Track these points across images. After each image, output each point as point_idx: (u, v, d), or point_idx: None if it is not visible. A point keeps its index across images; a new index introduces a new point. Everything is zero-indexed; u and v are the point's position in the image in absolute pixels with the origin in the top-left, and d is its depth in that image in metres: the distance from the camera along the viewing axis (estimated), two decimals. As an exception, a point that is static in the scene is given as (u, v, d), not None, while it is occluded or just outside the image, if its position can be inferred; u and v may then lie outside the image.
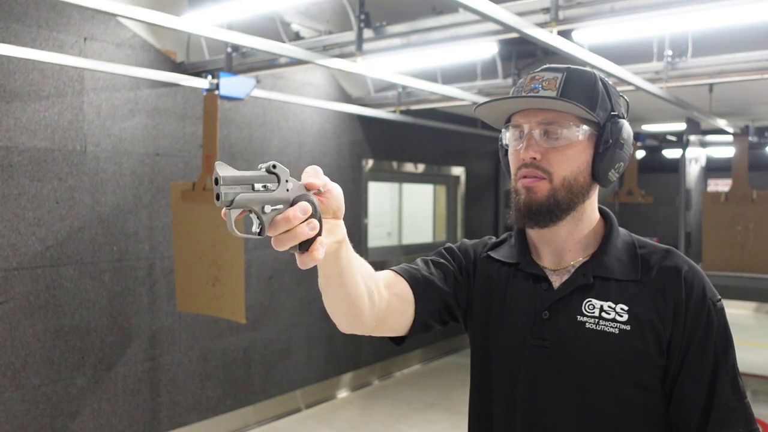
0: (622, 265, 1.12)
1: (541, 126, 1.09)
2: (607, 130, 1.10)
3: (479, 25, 2.86)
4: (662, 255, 1.13)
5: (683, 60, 3.74)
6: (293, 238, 0.85)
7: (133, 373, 3.66)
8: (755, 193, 4.96)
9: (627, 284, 1.10)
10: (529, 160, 1.09)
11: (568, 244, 1.15)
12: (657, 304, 1.07)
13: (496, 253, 1.24)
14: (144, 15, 2.50)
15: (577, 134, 1.09)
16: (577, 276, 1.12)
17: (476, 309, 1.21)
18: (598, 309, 1.08)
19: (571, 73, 1.11)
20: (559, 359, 1.09)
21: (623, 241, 1.16)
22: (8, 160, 3.08)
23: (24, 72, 3.12)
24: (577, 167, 1.10)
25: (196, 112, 3.91)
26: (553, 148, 1.09)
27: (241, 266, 3.12)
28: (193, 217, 3.33)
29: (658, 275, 1.10)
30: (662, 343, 1.05)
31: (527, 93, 1.10)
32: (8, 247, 3.10)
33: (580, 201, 1.12)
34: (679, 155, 6.12)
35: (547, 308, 1.11)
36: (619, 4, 2.52)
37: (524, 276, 1.17)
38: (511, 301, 1.17)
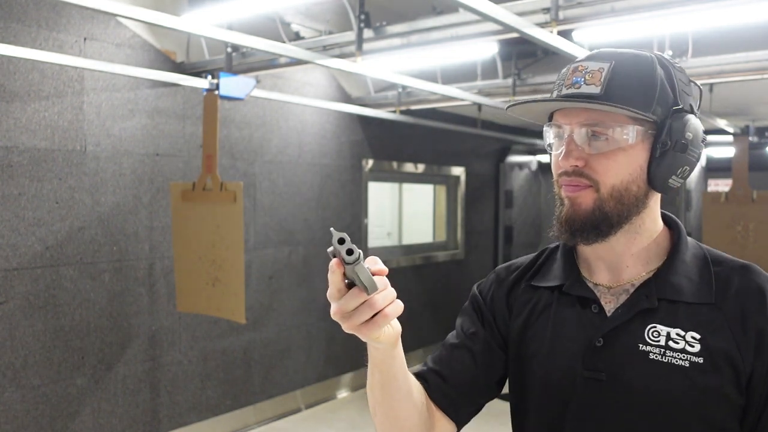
0: (692, 285, 0.95)
1: (585, 127, 0.94)
2: (666, 130, 0.93)
3: (479, 25, 2.86)
4: (741, 273, 0.96)
5: (683, 60, 3.74)
6: (374, 314, 0.80)
7: (133, 373, 3.66)
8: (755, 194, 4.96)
9: (699, 308, 0.93)
10: (570, 168, 0.95)
11: (625, 259, 0.99)
12: (735, 333, 0.91)
13: (539, 279, 1.08)
14: (144, 15, 2.50)
15: (626, 137, 0.92)
16: (639, 298, 0.96)
17: (511, 347, 1.07)
18: (665, 337, 0.92)
19: (620, 61, 0.94)
20: (618, 393, 0.93)
21: (693, 255, 0.99)
22: (8, 160, 3.08)
23: (24, 72, 3.12)
24: (629, 174, 0.94)
25: (196, 112, 3.91)
26: (599, 153, 0.93)
27: (241, 266, 3.12)
28: (193, 217, 3.33)
29: (736, 298, 0.93)
30: (741, 378, 0.89)
31: (567, 88, 0.95)
32: (8, 247, 3.10)
33: (634, 213, 0.96)
34: (679, 155, 6.11)
35: (602, 335, 0.95)
36: (619, 4, 2.52)
37: (571, 299, 1.01)
38: (556, 328, 1.01)
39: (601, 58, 0.95)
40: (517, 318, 1.07)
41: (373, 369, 0.94)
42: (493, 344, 1.08)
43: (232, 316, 3.19)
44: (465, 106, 5.02)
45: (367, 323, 0.79)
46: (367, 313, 0.78)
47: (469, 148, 6.61)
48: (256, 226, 4.35)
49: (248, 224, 4.25)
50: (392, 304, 0.80)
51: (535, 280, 1.08)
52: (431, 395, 1.05)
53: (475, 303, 1.14)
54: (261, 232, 4.39)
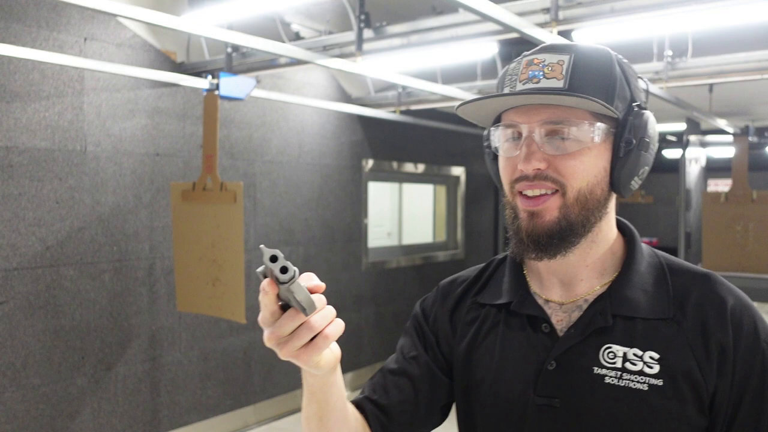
0: (649, 299, 0.87)
1: (546, 126, 0.85)
2: (629, 127, 0.86)
3: (479, 25, 2.86)
4: (700, 283, 0.88)
5: (683, 60, 3.74)
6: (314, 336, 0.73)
7: (133, 373, 3.66)
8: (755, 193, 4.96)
9: (657, 324, 0.86)
10: (532, 172, 0.85)
11: (579, 271, 0.91)
12: (696, 350, 0.83)
13: (485, 295, 0.99)
14: (144, 15, 2.50)
15: (592, 135, 0.84)
16: (593, 315, 0.88)
17: (456, 372, 0.99)
18: (621, 358, 0.85)
19: (579, 53, 0.86)
20: (573, 421, 0.86)
21: (649, 265, 0.91)
22: (8, 160, 3.09)
23: (24, 72, 3.12)
24: (594, 176, 0.86)
25: (196, 112, 3.91)
26: (564, 154, 0.84)
27: (241, 266, 3.12)
28: (194, 217, 3.33)
29: (696, 311, 0.85)
30: (704, 399, 0.83)
31: (524, 83, 0.86)
32: (8, 247, 3.10)
33: (596, 219, 0.88)
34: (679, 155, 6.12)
35: (554, 358, 0.88)
36: (619, 4, 2.52)
37: (519, 318, 0.93)
38: (505, 351, 0.92)
39: (558, 50, 0.87)
40: (462, 339, 0.98)
41: (310, 399, 0.86)
42: (436, 369, 0.99)
43: (232, 316, 3.19)
44: (465, 106, 5.01)
45: (307, 347, 0.72)
46: (306, 335, 0.71)
47: (469, 148, 6.61)
48: (256, 226, 4.35)
49: (248, 224, 4.25)
50: (332, 324, 0.73)
51: (481, 296, 1.00)
52: (371, 426, 0.97)
53: (417, 323, 1.05)
54: (261, 232, 4.39)
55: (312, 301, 0.69)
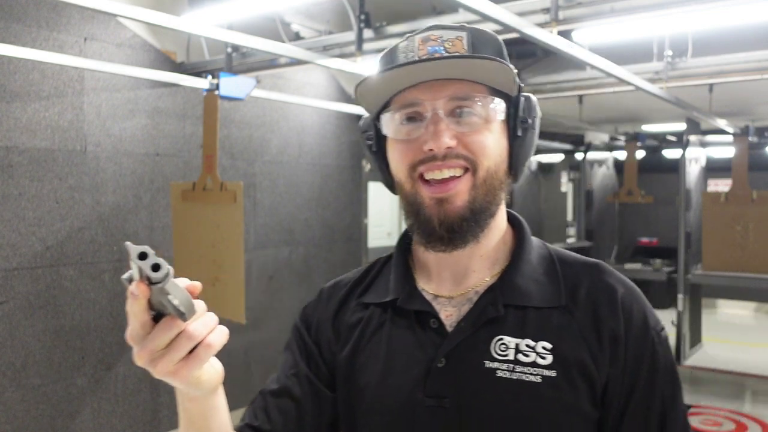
0: (540, 288, 0.84)
1: (452, 102, 0.80)
2: (523, 107, 0.84)
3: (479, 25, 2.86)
4: (590, 272, 0.86)
5: (683, 60, 3.75)
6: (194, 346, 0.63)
7: (133, 373, 3.66)
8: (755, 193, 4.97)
9: (549, 313, 0.82)
10: (443, 150, 0.79)
11: (472, 262, 0.86)
12: (588, 340, 0.80)
13: (370, 295, 0.92)
14: (144, 15, 2.50)
15: (495, 111, 0.81)
16: (483, 306, 0.83)
17: (339, 381, 0.90)
18: (513, 350, 0.80)
19: (474, 32, 0.83)
20: (464, 420, 0.80)
21: (539, 255, 0.89)
22: (8, 160, 3.09)
23: (24, 72, 3.12)
24: (498, 155, 0.83)
25: (196, 112, 3.91)
26: (471, 131, 0.80)
27: (241, 266, 3.12)
28: (194, 217, 3.33)
29: (587, 300, 0.83)
30: (596, 390, 0.80)
31: (422, 58, 0.80)
32: (8, 247, 3.10)
33: (497, 204, 0.85)
34: (679, 155, 6.12)
35: (444, 355, 0.82)
36: (619, 4, 2.52)
37: (406, 315, 0.87)
38: (390, 352, 0.86)
39: (451, 28, 0.84)
40: (345, 345, 0.90)
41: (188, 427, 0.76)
42: (319, 385, 0.90)
43: (232, 316, 3.19)
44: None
45: (186, 360, 0.63)
46: (186, 345, 0.62)
47: (469, 148, 6.62)
48: (256, 226, 4.35)
49: (248, 224, 4.25)
50: (215, 331, 0.65)
51: (366, 296, 0.93)
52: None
53: (297, 334, 0.97)
54: (261, 232, 4.39)
55: (192, 302, 0.61)
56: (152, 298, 0.60)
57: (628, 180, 6.68)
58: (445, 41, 0.82)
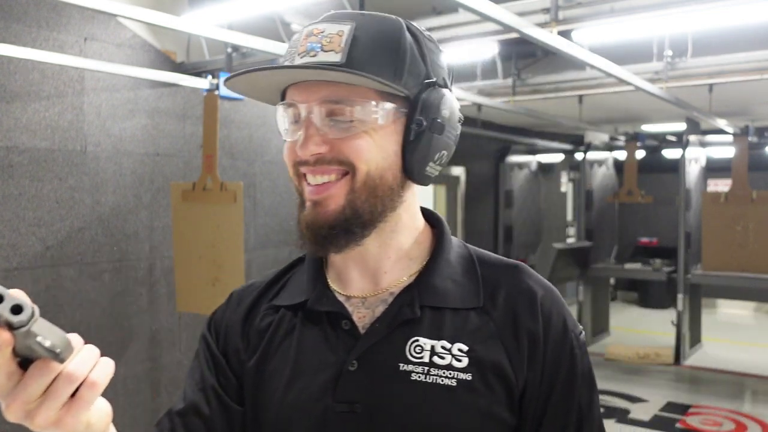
0: (458, 288, 0.82)
1: (326, 105, 0.76)
2: (420, 107, 0.78)
3: (479, 25, 2.86)
4: (510, 273, 0.84)
5: (683, 60, 3.75)
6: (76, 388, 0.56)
7: (133, 373, 3.66)
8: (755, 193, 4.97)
9: (466, 314, 0.80)
10: (312, 158, 0.77)
11: (382, 263, 0.83)
12: (506, 342, 0.78)
13: (282, 297, 0.88)
14: (144, 15, 2.50)
15: (376, 116, 0.76)
16: (399, 307, 0.80)
17: (247, 392, 0.85)
18: (429, 352, 0.77)
19: (363, 23, 0.77)
20: (376, 426, 0.77)
21: (458, 255, 0.86)
22: (8, 160, 3.09)
23: (24, 72, 3.12)
24: (383, 159, 0.78)
25: (196, 112, 3.91)
26: (344, 138, 0.76)
27: (241, 266, 3.12)
28: (194, 217, 3.33)
29: (506, 301, 0.81)
30: (514, 395, 0.78)
31: (301, 56, 0.76)
32: (8, 248, 3.11)
33: (390, 208, 0.80)
34: (679, 155, 6.12)
35: (356, 357, 0.78)
36: (619, 4, 2.52)
37: (318, 317, 0.83)
38: (300, 356, 0.81)
39: (340, 18, 0.78)
40: (254, 352, 0.85)
41: None
42: (228, 399, 0.84)
43: (232, 316, 3.19)
44: (465, 106, 5.02)
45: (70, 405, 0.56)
46: (66, 389, 0.55)
47: (469, 148, 6.61)
48: (256, 226, 4.35)
49: (248, 224, 4.25)
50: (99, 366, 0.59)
51: (278, 299, 0.88)
52: None
53: (205, 344, 0.90)
54: (261, 232, 4.39)
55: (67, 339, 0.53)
56: (17, 344, 0.51)
57: (628, 180, 6.68)
58: (324, 37, 0.76)
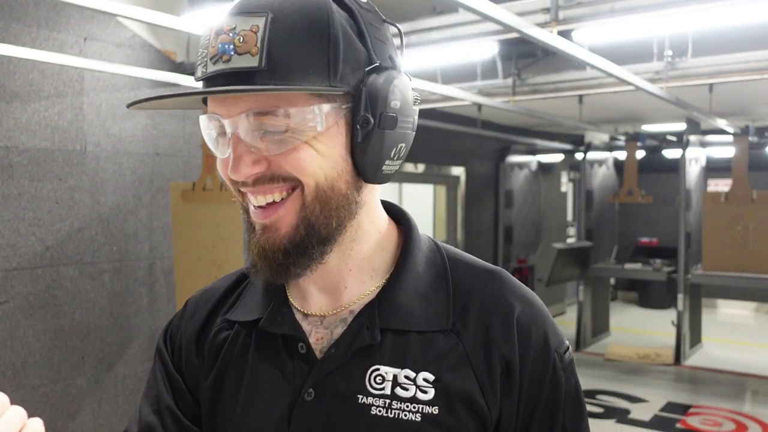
0: (425, 306, 0.72)
1: (252, 117, 0.64)
2: (364, 102, 0.67)
3: (479, 25, 2.86)
4: (486, 283, 0.74)
5: (683, 60, 3.75)
6: None
7: (133, 373, 3.66)
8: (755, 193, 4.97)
9: (433, 337, 0.70)
10: (250, 179, 0.66)
11: (342, 278, 0.74)
12: (477, 368, 0.69)
13: (238, 310, 0.79)
14: (144, 15, 2.50)
15: (312, 123, 0.65)
16: (357, 330, 0.71)
17: (202, 406, 0.78)
18: (391, 383, 0.69)
19: (280, 13, 0.63)
20: None
21: (428, 261, 0.76)
22: (8, 160, 3.09)
23: (24, 72, 3.12)
24: (331, 169, 0.67)
25: (196, 112, 3.91)
26: (281, 153, 0.65)
27: (241, 266, 3.12)
28: (193, 217, 3.33)
29: (478, 318, 0.71)
30: (487, 428, 0.70)
31: (214, 62, 0.64)
32: (8, 247, 3.11)
33: (348, 217, 0.70)
34: (679, 155, 6.12)
35: (312, 385, 0.70)
36: (619, 4, 2.52)
37: (272, 338, 0.74)
38: (254, 381, 0.74)
39: (253, 10, 0.64)
40: (209, 372, 0.77)
41: None
42: (185, 421, 0.77)
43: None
44: (465, 106, 5.02)
45: None
46: None
47: (469, 148, 6.61)
48: (256, 226, 4.35)
49: (248, 224, 4.25)
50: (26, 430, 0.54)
51: (233, 312, 0.79)
52: None
53: (161, 359, 0.82)
54: (261, 232, 4.39)
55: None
56: None
57: (628, 180, 6.68)
58: (236, 35, 0.63)
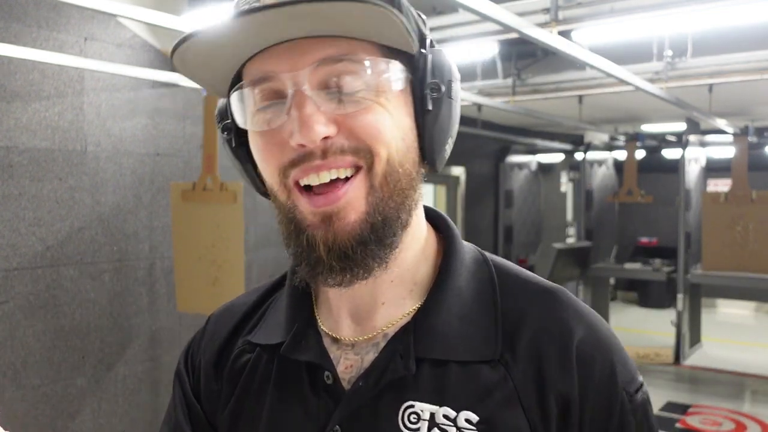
0: (468, 331, 0.61)
1: (322, 71, 0.55)
2: (431, 67, 0.59)
3: (479, 25, 2.86)
4: (541, 305, 0.62)
5: (683, 60, 3.75)
6: None
7: (134, 373, 3.66)
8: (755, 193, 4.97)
9: (477, 370, 0.59)
10: (319, 144, 0.55)
11: (382, 290, 0.63)
12: (529, 407, 0.58)
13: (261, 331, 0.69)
14: (144, 15, 2.50)
15: (388, 79, 0.57)
16: (389, 359, 0.60)
17: None
18: (427, 422, 0.58)
19: None
20: None
21: (473, 277, 0.64)
22: (8, 160, 3.09)
23: (24, 72, 3.12)
24: (402, 140, 0.58)
25: (196, 112, 3.91)
26: (357, 111, 0.56)
27: (241, 266, 3.12)
28: (194, 217, 3.33)
29: (531, 347, 0.60)
30: None
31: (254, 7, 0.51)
32: (8, 247, 3.11)
33: (412, 206, 0.61)
34: (679, 155, 6.12)
35: (339, 422, 0.60)
36: (619, 4, 2.52)
37: (294, 366, 0.64)
38: (274, 415, 0.64)
39: None
40: (227, 401, 0.68)
41: None
42: None
43: (232, 316, 3.19)
44: (465, 106, 5.02)
45: None
46: None
47: (469, 148, 6.61)
48: (257, 226, 4.35)
49: (248, 224, 4.25)
50: None
51: (255, 333, 0.69)
52: None
53: (180, 384, 0.75)
54: (261, 232, 4.39)
55: None
56: None
57: (628, 180, 6.68)
58: None
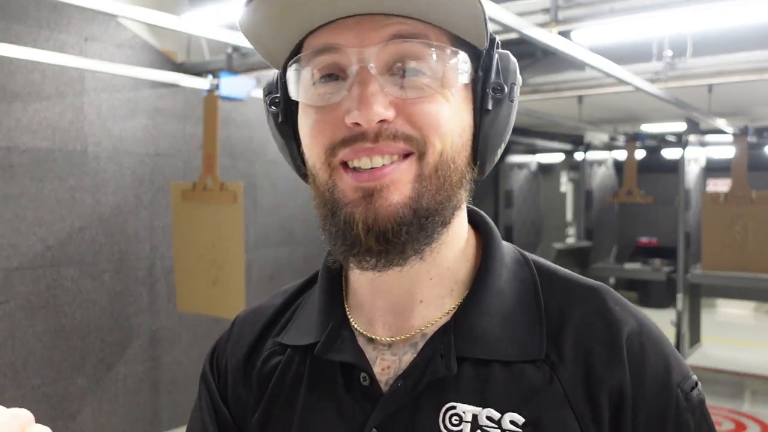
0: (511, 331, 0.59)
1: (390, 49, 0.53)
2: (496, 67, 0.58)
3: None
4: (585, 302, 0.60)
5: (683, 60, 3.75)
6: None
7: (134, 373, 3.67)
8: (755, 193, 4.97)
9: (522, 369, 0.57)
10: (375, 126, 0.53)
11: (420, 289, 0.61)
12: (579, 408, 0.56)
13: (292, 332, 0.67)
14: (144, 15, 2.51)
15: (455, 70, 0.55)
16: (429, 359, 0.58)
17: None
18: (470, 424, 0.56)
19: None
20: None
21: (513, 277, 0.62)
22: (9, 160, 3.09)
23: (25, 72, 3.12)
24: (459, 136, 0.56)
25: (196, 112, 3.91)
26: (419, 98, 0.54)
27: (241, 266, 3.12)
28: (194, 217, 3.34)
29: (577, 344, 0.57)
30: None
31: None
32: (9, 247, 3.11)
33: (457, 205, 0.59)
34: (679, 155, 6.13)
35: (376, 425, 0.58)
36: (619, 4, 2.52)
37: (330, 366, 0.62)
38: (306, 419, 0.61)
39: None
40: (257, 405, 0.65)
41: None
42: None
43: (232, 316, 3.19)
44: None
45: None
46: None
47: (469, 148, 6.62)
48: (257, 226, 4.36)
49: (248, 224, 4.26)
50: None
51: (285, 334, 0.67)
52: None
53: (206, 388, 0.71)
54: (261, 232, 4.39)
55: None
56: None
57: (628, 180, 6.69)
58: None
